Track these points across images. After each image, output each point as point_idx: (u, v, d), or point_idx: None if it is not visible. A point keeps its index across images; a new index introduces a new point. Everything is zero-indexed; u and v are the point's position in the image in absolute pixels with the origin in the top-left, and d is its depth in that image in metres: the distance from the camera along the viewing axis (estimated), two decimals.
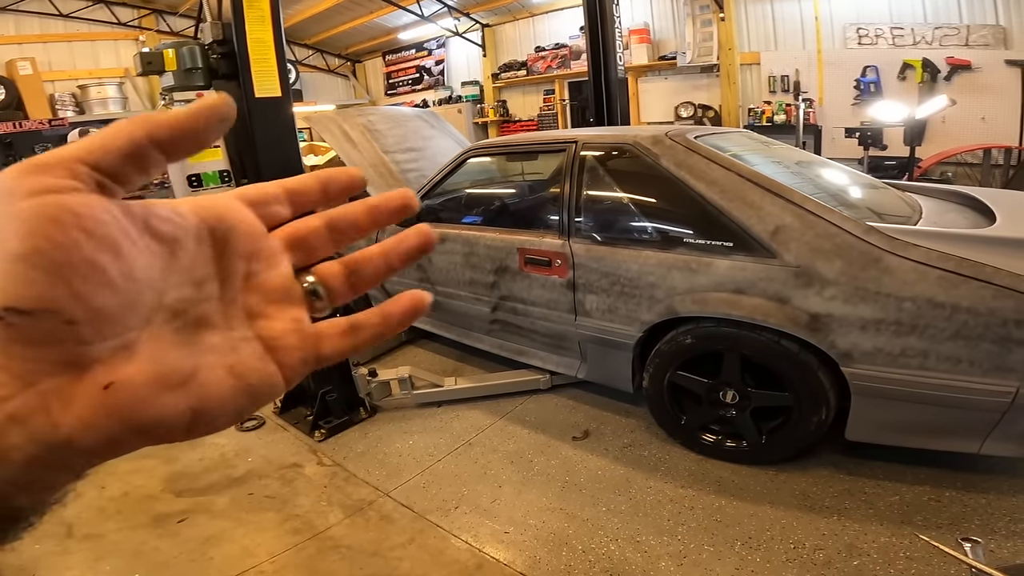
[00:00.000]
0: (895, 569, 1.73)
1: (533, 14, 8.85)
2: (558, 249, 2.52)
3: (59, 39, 8.18)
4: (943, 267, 1.73)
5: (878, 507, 2.00)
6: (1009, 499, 1.98)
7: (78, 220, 0.20)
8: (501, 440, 2.61)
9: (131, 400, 0.21)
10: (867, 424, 1.99)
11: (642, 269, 2.26)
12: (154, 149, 0.22)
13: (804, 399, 2.04)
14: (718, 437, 2.31)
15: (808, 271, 1.90)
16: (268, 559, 1.96)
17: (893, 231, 1.86)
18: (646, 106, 7.79)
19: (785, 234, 1.95)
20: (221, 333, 0.25)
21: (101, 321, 0.20)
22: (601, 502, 2.16)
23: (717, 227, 2.10)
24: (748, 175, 2.12)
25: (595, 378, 2.69)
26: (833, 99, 6.10)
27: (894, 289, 1.77)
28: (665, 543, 1.93)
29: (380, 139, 4.12)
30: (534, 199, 3.24)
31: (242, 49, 2.49)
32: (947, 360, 1.75)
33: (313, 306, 0.29)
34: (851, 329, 1.85)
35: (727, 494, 2.14)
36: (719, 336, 2.14)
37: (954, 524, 1.90)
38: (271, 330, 0.27)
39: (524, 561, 1.91)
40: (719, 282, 2.07)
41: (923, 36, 5.42)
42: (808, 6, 6.08)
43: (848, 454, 2.23)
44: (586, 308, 2.48)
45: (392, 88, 11.21)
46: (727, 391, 2.21)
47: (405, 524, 2.12)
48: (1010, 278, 1.66)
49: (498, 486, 2.30)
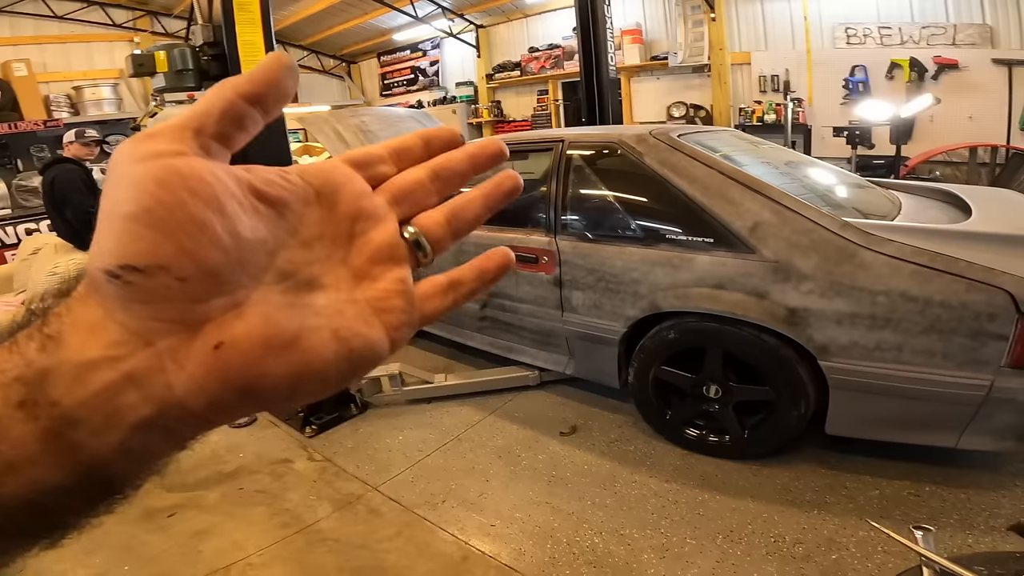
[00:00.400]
0: (872, 563, 1.76)
1: (526, 15, 8.88)
2: (545, 246, 2.55)
3: (54, 40, 8.19)
4: (917, 261, 1.76)
5: (858, 501, 2.03)
6: (988, 494, 2.00)
7: (183, 181, 0.20)
8: (490, 436, 2.64)
9: (240, 361, 0.21)
10: (846, 418, 2.02)
11: (626, 265, 2.30)
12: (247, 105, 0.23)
13: (784, 393, 2.07)
14: (702, 432, 2.35)
15: (786, 266, 1.94)
16: (256, 552, 1.99)
17: (868, 226, 1.90)
18: (639, 106, 7.83)
19: (763, 230, 1.99)
20: (328, 294, 0.25)
21: (211, 278, 0.21)
22: (587, 496, 2.19)
23: (698, 223, 2.14)
24: (729, 172, 2.16)
25: (583, 374, 2.72)
26: (822, 98, 6.15)
27: (868, 283, 1.81)
28: (648, 536, 1.96)
29: (373, 139, 4.15)
30: (522, 197, 3.26)
31: (232, 51, 2.52)
32: (921, 353, 1.78)
33: (417, 258, 0.29)
34: (827, 323, 1.88)
35: (711, 488, 2.17)
36: (701, 331, 2.18)
37: (932, 519, 1.91)
38: (377, 291, 0.26)
39: (509, 553, 1.94)
40: (700, 277, 2.11)
41: (911, 35, 5.47)
42: (797, 6, 6.12)
43: (830, 449, 2.26)
44: (573, 304, 2.52)
45: (387, 89, 11.23)
46: (710, 386, 2.24)
47: (393, 517, 2.15)
48: (982, 272, 1.69)
49: (486, 480, 2.33)
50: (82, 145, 3.76)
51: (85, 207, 3.57)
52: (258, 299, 0.22)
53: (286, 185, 0.25)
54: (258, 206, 0.23)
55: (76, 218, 3.55)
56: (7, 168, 6.23)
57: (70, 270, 1.27)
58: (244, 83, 0.23)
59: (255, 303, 0.22)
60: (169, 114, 2.73)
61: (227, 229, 0.21)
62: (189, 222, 0.20)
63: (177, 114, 0.23)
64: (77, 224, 3.57)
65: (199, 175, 0.21)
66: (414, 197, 0.29)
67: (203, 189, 0.20)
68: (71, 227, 3.60)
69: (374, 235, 0.27)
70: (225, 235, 0.21)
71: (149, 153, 0.21)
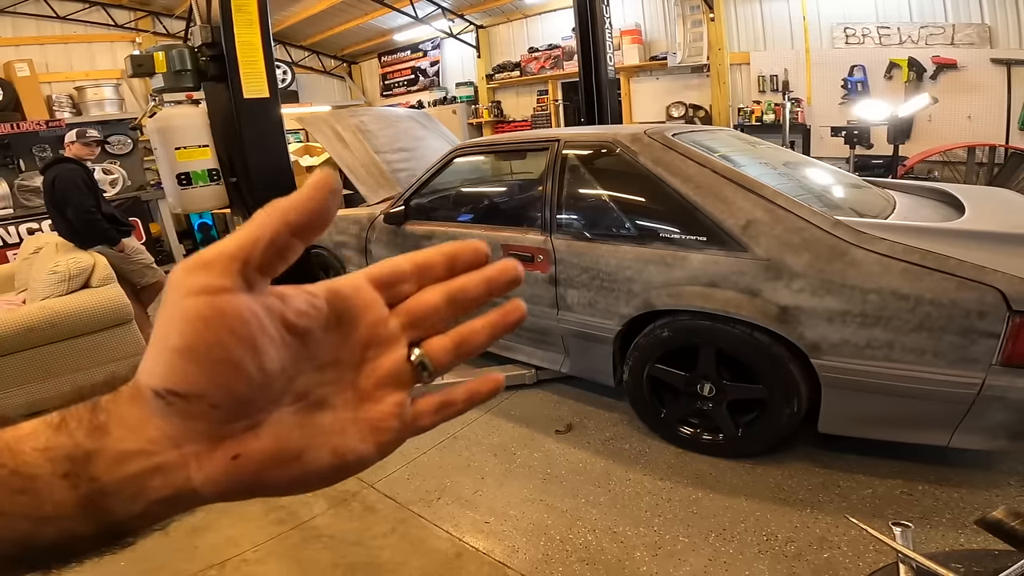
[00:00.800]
0: (864, 562, 1.76)
1: (526, 15, 8.89)
2: (540, 245, 2.56)
3: (56, 41, 8.21)
4: (907, 259, 1.77)
5: (851, 500, 2.03)
6: (981, 493, 2.01)
7: (224, 321, 0.23)
8: (485, 433, 2.65)
9: (251, 469, 0.26)
10: (838, 416, 2.03)
11: (620, 264, 2.31)
12: (292, 237, 0.25)
13: (776, 391, 2.08)
14: (696, 430, 2.35)
15: (777, 264, 1.94)
16: (251, 548, 2.01)
17: (860, 225, 1.90)
18: (638, 106, 7.83)
19: (755, 228, 2.00)
20: (333, 414, 0.28)
21: (239, 406, 0.25)
22: (581, 494, 2.20)
23: (692, 222, 2.15)
24: (722, 171, 2.16)
25: (578, 372, 2.73)
26: (821, 98, 6.14)
27: (859, 281, 1.81)
28: (641, 534, 1.97)
29: (372, 140, 4.17)
30: (518, 197, 3.28)
31: (230, 52, 2.54)
32: (912, 351, 1.79)
33: (420, 377, 0.31)
34: (819, 321, 1.89)
35: (704, 486, 2.18)
36: (694, 329, 2.18)
37: (925, 518, 1.92)
38: (377, 412, 0.29)
39: (503, 550, 1.95)
40: (693, 276, 2.12)
41: (909, 35, 5.46)
42: (796, 6, 6.12)
43: (823, 448, 2.27)
44: (568, 303, 2.53)
45: (388, 89, 11.25)
46: (704, 384, 2.25)
47: (388, 514, 2.16)
48: (973, 270, 1.70)
49: (481, 478, 2.34)
50: (83, 145, 3.78)
51: (86, 207, 3.59)
52: (274, 419, 0.26)
53: (313, 314, 0.27)
54: (286, 337, 0.26)
55: (77, 217, 3.57)
56: (9, 168, 6.25)
57: (70, 269, 1.30)
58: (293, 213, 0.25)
59: (271, 423, 0.26)
60: (168, 115, 2.75)
61: (257, 365, 0.24)
62: (226, 361, 0.24)
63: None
64: (78, 223, 3.59)
65: (239, 314, 0.24)
66: (427, 322, 0.32)
67: (241, 329, 0.24)
68: (72, 226, 3.62)
69: (383, 361, 0.30)
70: (255, 371, 0.24)
71: (197, 288, 0.24)
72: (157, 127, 2.69)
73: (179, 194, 2.71)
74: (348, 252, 3.64)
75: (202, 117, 2.72)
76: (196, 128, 2.72)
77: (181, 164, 2.69)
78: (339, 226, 3.69)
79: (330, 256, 3.80)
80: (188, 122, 2.72)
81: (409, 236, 3.15)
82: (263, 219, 0.25)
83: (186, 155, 2.71)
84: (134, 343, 3.20)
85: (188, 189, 2.72)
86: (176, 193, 2.72)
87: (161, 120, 2.70)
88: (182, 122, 2.71)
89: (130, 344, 3.19)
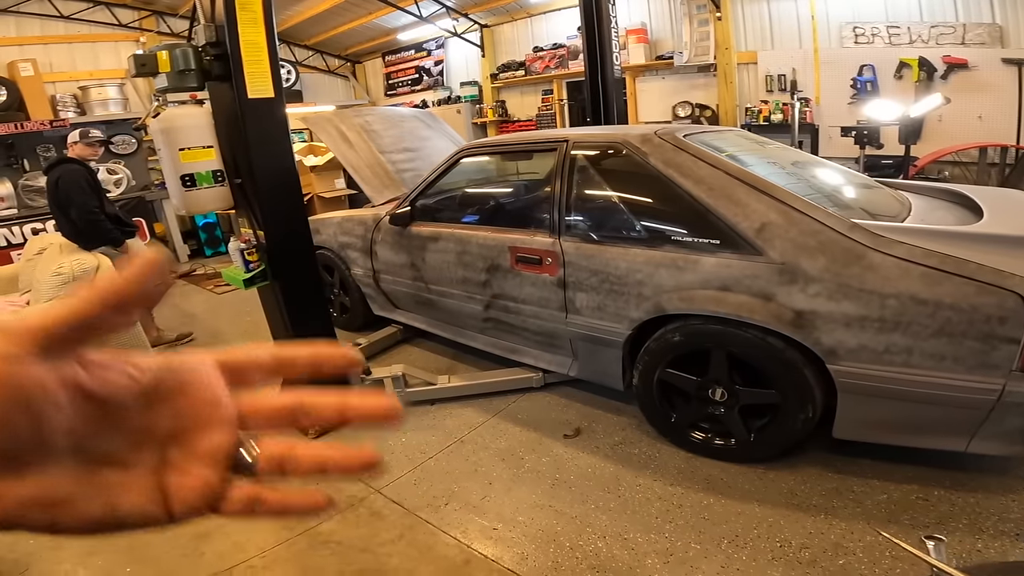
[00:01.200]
0: (880, 568, 1.73)
1: (531, 14, 8.85)
2: (548, 247, 2.53)
3: (60, 40, 8.21)
4: (926, 263, 1.73)
5: (866, 505, 2.00)
6: (997, 498, 1.98)
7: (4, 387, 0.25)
8: (493, 438, 2.63)
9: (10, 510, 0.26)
10: (854, 422, 1.99)
11: (630, 267, 2.27)
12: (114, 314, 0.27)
13: (790, 397, 2.05)
14: (707, 435, 2.32)
15: (792, 268, 1.91)
16: (258, 554, 1.98)
17: (877, 228, 1.87)
18: (644, 106, 7.79)
19: (770, 231, 1.96)
20: (123, 473, 0.29)
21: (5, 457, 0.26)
22: (590, 499, 2.17)
23: (704, 225, 2.11)
24: (735, 173, 2.13)
25: (586, 376, 2.70)
26: (830, 98, 6.09)
27: (877, 286, 1.78)
28: (652, 540, 1.94)
29: (376, 139, 4.14)
30: (526, 198, 3.25)
31: (235, 51, 2.51)
32: (931, 357, 1.75)
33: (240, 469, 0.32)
34: (835, 326, 1.85)
35: (716, 492, 2.14)
36: (706, 333, 2.15)
37: (941, 523, 1.89)
38: (178, 482, 0.30)
39: (512, 557, 1.92)
40: (705, 279, 2.08)
41: (919, 35, 5.41)
42: (804, 5, 6.06)
43: (837, 452, 2.24)
44: (576, 306, 2.49)
45: (392, 89, 11.22)
46: (715, 389, 2.22)
47: (395, 520, 2.14)
48: (993, 274, 1.66)
49: (488, 483, 2.31)
50: (86, 145, 3.77)
51: (89, 207, 3.58)
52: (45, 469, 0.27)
53: (124, 383, 0.29)
54: (79, 403, 0.27)
55: (80, 218, 3.56)
56: (13, 168, 6.25)
57: (74, 270, 1.26)
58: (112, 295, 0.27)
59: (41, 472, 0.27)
60: (172, 115, 2.72)
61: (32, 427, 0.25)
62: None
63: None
64: (81, 224, 3.58)
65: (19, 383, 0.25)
66: (269, 423, 0.33)
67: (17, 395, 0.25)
68: (75, 227, 3.61)
69: (204, 440, 0.31)
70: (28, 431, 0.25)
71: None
72: (161, 128, 2.65)
73: (183, 196, 2.68)
74: (353, 253, 3.62)
75: (206, 117, 2.69)
76: (200, 129, 2.68)
77: (185, 165, 2.66)
78: (344, 227, 3.66)
79: (334, 257, 3.78)
80: (192, 123, 2.69)
81: (415, 237, 3.12)
82: (83, 296, 0.27)
83: (190, 156, 2.67)
84: (137, 344, 3.19)
85: (192, 191, 2.69)
86: (180, 195, 2.69)
87: (165, 121, 2.67)
88: (186, 123, 2.68)
89: (133, 345, 3.17)
